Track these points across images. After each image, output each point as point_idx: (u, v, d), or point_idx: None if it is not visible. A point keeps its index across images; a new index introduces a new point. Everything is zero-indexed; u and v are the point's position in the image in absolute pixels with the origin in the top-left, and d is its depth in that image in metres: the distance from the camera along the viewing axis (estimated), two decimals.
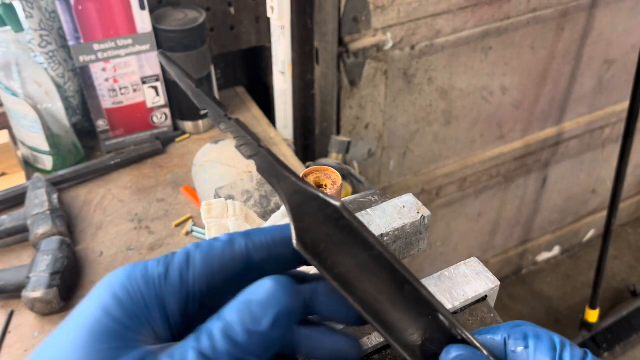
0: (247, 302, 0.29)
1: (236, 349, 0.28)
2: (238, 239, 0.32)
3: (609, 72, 1.85)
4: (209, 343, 0.28)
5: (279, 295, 0.30)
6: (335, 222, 0.32)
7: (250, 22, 1.26)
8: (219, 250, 0.32)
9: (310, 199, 0.33)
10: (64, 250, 0.88)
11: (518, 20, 1.51)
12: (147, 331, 0.30)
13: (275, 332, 0.29)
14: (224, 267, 0.32)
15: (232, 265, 0.32)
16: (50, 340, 0.30)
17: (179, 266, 0.31)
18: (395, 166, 1.64)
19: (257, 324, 0.29)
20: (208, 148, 1.00)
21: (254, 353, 0.29)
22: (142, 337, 0.29)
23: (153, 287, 0.30)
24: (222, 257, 0.32)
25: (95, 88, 1.09)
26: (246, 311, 0.29)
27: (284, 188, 0.33)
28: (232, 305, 0.30)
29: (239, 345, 0.28)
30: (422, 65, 1.45)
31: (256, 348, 0.29)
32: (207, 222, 0.59)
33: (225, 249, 0.32)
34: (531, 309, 2.28)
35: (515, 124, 1.79)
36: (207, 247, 0.32)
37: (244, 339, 0.28)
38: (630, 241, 2.55)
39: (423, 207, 0.54)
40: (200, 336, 0.29)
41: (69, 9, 0.99)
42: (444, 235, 1.97)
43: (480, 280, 0.48)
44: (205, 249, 0.32)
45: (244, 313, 0.29)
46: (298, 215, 0.33)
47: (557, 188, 2.14)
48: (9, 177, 1.10)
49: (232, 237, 0.32)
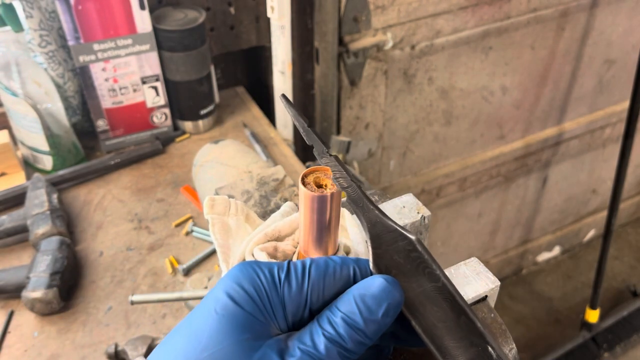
0: (362, 295, 0.35)
1: (356, 334, 0.35)
2: (350, 263, 0.38)
3: (609, 72, 1.85)
4: (332, 329, 0.35)
5: (389, 289, 0.35)
6: (408, 252, 0.38)
7: (250, 22, 1.26)
8: (331, 269, 0.37)
9: (389, 230, 0.38)
10: (64, 250, 0.88)
11: (518, 20, 1.51)
12: (274, 324, 0.36)
13: (387, 320, 0.35)
14: (333, 284, 0.37)
15: (339, 284, 0.37)
16: (186, 329, 0.35)
17: (298, 275, 0.37)
18: (395, 166, 1.64)
19: (373, 314, 0.35)
20: (208, 148, 1.00)
21: (369, 337, 0.35)
22: (271, 329, 0.36)
23: (276, 289, 0.36)
24: (333, 274, 0.37)
25: (95, 88, 1.09)
26: (362, 304, 0.35)
27: (367, 218, 0.39)
28: (346, 298, 0.36)
29: (359, 331, 0.35)
30: (422, 65, 1.45)
31: (371, 333, 0.35)
32: (210, 218, 0.59)
33: (337, 269, 0.37)
34: (531, 309, 2.28)
35: (516, 124, 1.79)
36: (323, 264, 0.37)
37: (362, 325, 0.35)
38: (631, 241, 2.55)
39: (423, 207, 0.54)
40: (322, 324, 0.35)
41: (68, 9, 0.99)
42: (444, 235, 1.97)
43: (480, 280, 0.48)
44: (321, 265, 0.37)
45: (361, 305, 0.35)
46: (376, 242, 0.38)
47: (558, 188, 2.14)
48: (8, 177, 1.10)
49: (344, 260, 0.38)
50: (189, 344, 0.34)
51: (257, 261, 0.38)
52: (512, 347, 0.47)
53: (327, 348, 0.34)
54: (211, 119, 1.23)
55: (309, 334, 0.35)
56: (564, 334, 2.16)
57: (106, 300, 0.87)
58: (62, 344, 0.81)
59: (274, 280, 0.36)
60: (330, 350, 0.34)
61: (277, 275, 0.36)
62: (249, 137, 1.19)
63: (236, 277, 0.36)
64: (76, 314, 0.86)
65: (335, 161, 0.40)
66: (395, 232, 0.38)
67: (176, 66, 1.12)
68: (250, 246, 0.53)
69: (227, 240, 0.58)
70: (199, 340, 0.34)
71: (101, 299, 0.87)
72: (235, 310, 0.35)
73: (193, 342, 0.34)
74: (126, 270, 0.92)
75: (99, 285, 0.90)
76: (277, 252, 0.52)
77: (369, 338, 0.35)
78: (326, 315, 0.35)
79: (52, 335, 0.83)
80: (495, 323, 0.48)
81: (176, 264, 0.93)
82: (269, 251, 0.52)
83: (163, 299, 0.84)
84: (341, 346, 0.34)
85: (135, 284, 0.90)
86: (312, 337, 0.35)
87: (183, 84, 1.15)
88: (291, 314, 0.36)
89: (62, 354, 0.80)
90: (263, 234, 0.54)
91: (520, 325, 2.21)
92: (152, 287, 0.89)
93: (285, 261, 0.38)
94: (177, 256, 0.94)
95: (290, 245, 0.53)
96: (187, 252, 0.95)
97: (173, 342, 0.35)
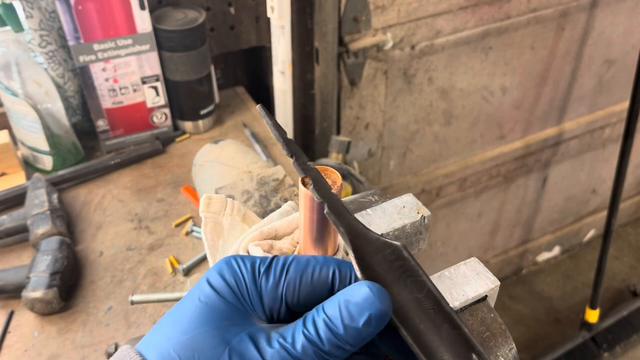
0: (346, 301, 0.35)
1: (335, 338, 0.35)
2: (331, 264, 0.38)
3: (609, 72, 1.85)
4: (313, 330, 0.35)
5: (371, 300, 0.35)
6: (391, 262, 0.38)
7: (250, 22, 1.26)
8: (310, 268, 0.38)
9: (371, 241, 0.38)
10: (64, 250, 0.88)
11: (518, 20, 1.51)
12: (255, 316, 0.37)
13: (369, 330, 0.35)
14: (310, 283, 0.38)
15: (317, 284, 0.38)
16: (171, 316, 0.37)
17: (277, 270, 0.38)
18: (395, 166, 1.64)
19: (353, 321, 0.35)
20: (208, 148, 1.00)
21: (349, 343, 0.35)
22: (251, 317, 0.37)
23: (255, 282, 0.37)
24: (311, 273, 0.38)
25: (95, 88, 1.09)
26: (345, 310, 0.35)
27: (347, 229, 0.39)
28: (332, 301, 0.36)
29: (338, 336, 0.35)
30: (422, 65, 1.45)
31: (351, 340, 0.35)
32: (204, 216, 0.59)
33: (316, 268, 0.38)
34: (531, 309, 2.28)
35: (516, 124, 1.79)
36: (304, 262, 0.38)
37: (342, 331, 0.35)
38: (630, 241, 2.55)
39: (423, 207, 0.54)
40: (306, 323, 0.36)
41: (69, 9, 0.99)
42: (444, 235, 1.97)
43: (480, 280, 0.48)
44: (301, 263, 0.38)
45: (343, 311, 0.35)
46: (359, 253, 0.38)
47: (557, 188, 2.14)
48: (9, 177, 1.10)
49: (326, 260, 0.38)
50: (172, 328, 0.36)
51: (243, 255, 0.39)
52: (512, 347, 0.47)
53: (303, 347, 0.35)
54: (211, 119, 1.23)
55: (292, 331, 0.36)
56: (563, 334, 2.16)
57: (106, 300, 0.87)
58: (62, 344, 0.81)
59: (254, 272, 0.38)
60: (307, 349, 0.35)
61: (258, 268, 0.38)
62: (249, 137, 1.19)
63: (220, 268, 0.38)
64: (76, 314, 0.86)
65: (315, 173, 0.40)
66: (379, 241, 0.38)
67: (176, 66, 1.12)
68: (245, 243, 0.53)
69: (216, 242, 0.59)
70: (181, 324, 0.36)
71: (101, 299, 0.87)
72: (216, 299, 0.37)
73: (176, 326, 0.36)
74: (126, 270, 0.92)
75: (99, 285, 0.90)
76: (273, 249, 0.52)
77: (349, 344, 0.35)
78: (312, 314, 0.36)
79: (52, 335, 0.83)
80: (495, 323, 0.48)
81: (176, 264, 0.93)
82: (265, 248, 0.52)
83: (163, 299, 0.84)
84: (318, 347, 0.35)
85: (135, 284, 0.90)
86: (294, 334, 0.36)
87: (183, 84, 1.15)
88: (268, 308, 0.37)
89: (62, 354, 0.80)
90: (259, 232, 0.54)
91: (520, 325, 2.21)
92: (152, 287, 0.89)
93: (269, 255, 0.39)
94: (177, 256, 0.94)
95: (288, 244, 0.53)
96: (187, 252, 0.95)
97: (159, 327, 0.37)
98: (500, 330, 0.48)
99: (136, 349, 0.37)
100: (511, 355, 0.47)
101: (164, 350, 0.36)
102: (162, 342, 0.36)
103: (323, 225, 0.43)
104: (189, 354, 0.35)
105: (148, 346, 0.37)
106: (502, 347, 0.47)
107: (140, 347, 0.37)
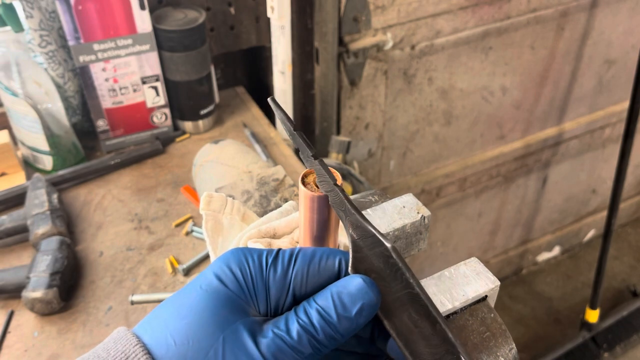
0: (339, 292, 0.37)
1: (329, 327, 0.36)
2: (337, 255, 0.39)
3: (609, 72, 1.85)
4: (306, 318, 0.36)
5: (365, 290, 0.37)
6: (387, 258, 0.38)
7: (250, 22, 1.26)
8: (317, 258, 0.39)
9: (368, 235, 0.39)
10: (64, 250, 0.88)
11: (518, 20, 1.51)
12: (254, 306, 0.38)
13: (360, 320, 0.37)
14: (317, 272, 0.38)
15: (325, 273, 0.38)
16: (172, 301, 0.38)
17: (284, 260, 0.38)
18: (395, 166, 1.64)
19: (347, 311, 0.36)
20: (208, 148, 1.00)
21: (340, 333, 0.36)
22: (250, 310, 0.38)
23: (262, 272, 0.38)
24: (319, 263, 0.39)
25: (95, 88, 1.09)
26: (338, 300, 0.36)
27: (349, 221, 0.39)
28: (325, 292, 0.37)
29: (332, 325, 0.36)
30: (422, 65, 1.45)
31: (343, 329, 0.36)
32: (205, 214, 0.60)
33: (323, 258, 0.39)
34: (531, 309, 2.28)
35: (515, 124, 1.79)
36: (310, 252, 0.39)
37: (335, 320, 0.36)
38: (630, 241, 2.55)
39: (423, 207, 0.54)
40: (298, 313, 0.37)
41: (69, 9, 0.99)
42: (444, 235, 1.97)
43: (480, 280, 0.48)
44: (308, 254, 0.39)
45: (337, 301, 0.36)
46: (356, 246, 0.39)
47: (557, 188, 2.14)
48: (9, 177, 1.10)
49: (332, 251, 0.39)
50: (171, 313, 0.37)
51: (250, 247, 0.40)
52: (512, 347, 0.47)
53: (299, 334, 0.36)
54: (211, 119, 1.23)
55: (284, 320, 0.37)
56: (563, 334, 2.16)
57: (106, 300, 0.87)
58: (62, 344, 0.81)
59: (261, 263, 0.38)
60: (302, 336, 0.36)
61: (265, 260, 0.38)
62: (249, 137, 1.19)
63: (226, 259, 0.39)
64: (76, 314, 0.86)
65: (319, 165, 0.41)
66: (374, 237, 0.39)
67: (176, 66, 1.12)
68: (243, 240, 0.53)
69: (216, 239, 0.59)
70: (179, 310, 0.37)
71: (101, 299, 0.87)
72: (218, 287, 0.37)
73: (175, 311, 0.37)
74: (126, 270, 0.92)
75: (99, 285, 0.90)
76: (272, 247, 0.52)
77: (340, 334, 0.36)
78: (303, 305, 0.37)
79: (52, 335, 0.83)
80: (495, 323, 0.48)
81: (176, 264, 0.93)
82: (263, 245, 0.52)
83: (163, 299, 0.84)
84: (313, 336, 0.36)
85: (135, 284, 0.90)
86: (287, 323, 0.36)
87: (183, 84, 1.15)
88: (274, 298, 0.38)
89: (62, 354, 0.80)
90: (256, 230, 0.54)
91: (520, 325, 2.21)
92: (152, 287, 0.89)
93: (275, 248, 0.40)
94: (177, 256, 0.94)
95: (287, 243, 0.54)
96: (187, 252, 0.95)
97: (158, 311, 0.38)
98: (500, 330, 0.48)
99: (133, 332, 0.37)
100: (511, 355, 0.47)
101: (160, 334, 0.36)
102: (159, 326, 0.37)
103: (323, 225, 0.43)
104: (184, 339, 0.36)
105: (146, 329, 0.37)
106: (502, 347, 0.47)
107: (137, 329, 0.38)
